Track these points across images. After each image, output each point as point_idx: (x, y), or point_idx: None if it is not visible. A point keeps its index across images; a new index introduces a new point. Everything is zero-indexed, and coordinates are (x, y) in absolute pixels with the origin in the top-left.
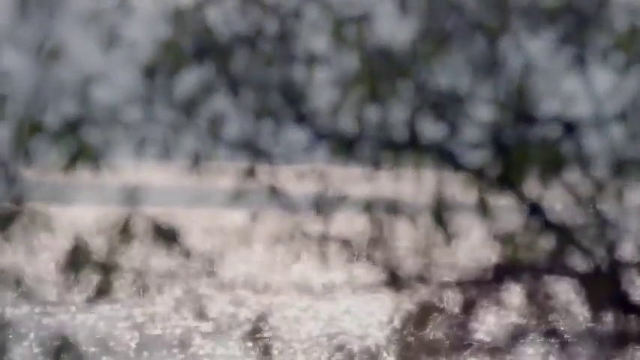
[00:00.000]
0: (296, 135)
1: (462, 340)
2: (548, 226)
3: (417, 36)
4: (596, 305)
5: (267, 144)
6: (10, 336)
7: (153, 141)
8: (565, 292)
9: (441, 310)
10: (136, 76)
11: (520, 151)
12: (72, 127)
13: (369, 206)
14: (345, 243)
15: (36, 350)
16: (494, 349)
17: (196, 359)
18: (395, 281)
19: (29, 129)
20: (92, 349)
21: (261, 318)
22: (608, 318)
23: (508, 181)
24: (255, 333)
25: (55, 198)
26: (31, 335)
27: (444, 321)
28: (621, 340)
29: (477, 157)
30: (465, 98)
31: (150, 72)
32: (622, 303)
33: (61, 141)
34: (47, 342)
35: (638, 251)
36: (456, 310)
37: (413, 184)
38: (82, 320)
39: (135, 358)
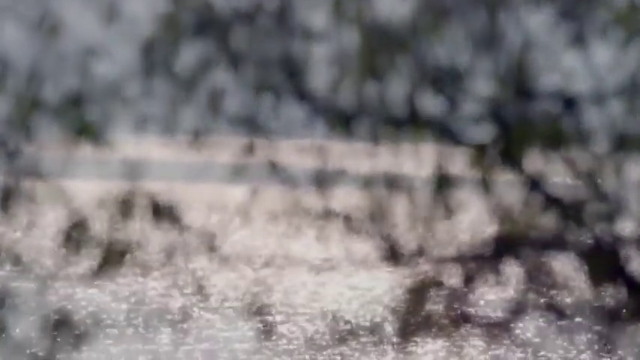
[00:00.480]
0: (295, 110)
1: (461, 315)
2: (549, 201)
3: (416, 11)
4: (597, 280)
5: (266, 119)
6: (11, 310)
7: (153, 116)
8: (565, 267)
9: (441, 285)
10: (136, 51)
11: (520, 126)
12: (72, 103)
13: (368, 181)
14: (345, 218)
15: (36, 324)
16: (493, 324)
17: (196, 334)
18: (395, 256)
19: (29, 104)
20: (92, 324)
21: (261, 293)
22: (609, 293)
23: (508, 156)
24: (254, 308)
25: (55, 173)
26: (31, 310)
27: (444, 296)
28: (621, 314)
29: (476, 132)
30: (465, 73)
31: (150, 47)
32: (622, 278)
33: (62, 116)
34: (47, 316)
35: (638, 226)
36: (456, 284)
37: (413, 159)
38: (82, 295)
39: (134, 332)
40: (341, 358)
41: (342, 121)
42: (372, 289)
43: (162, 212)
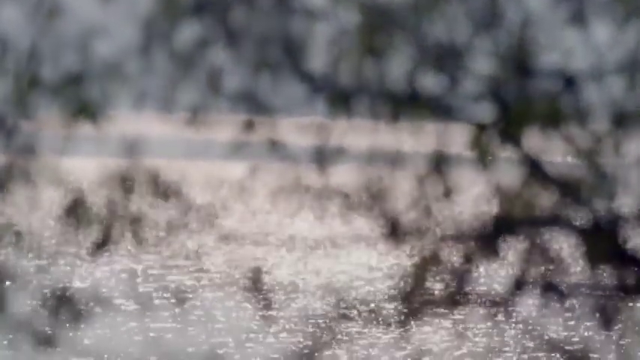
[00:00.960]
0: (295, 88)
1: (461, 293)
2: (548, 179)
3: None
4: (596, 258)
5: (266, 97)
6: (11, 287)
7: (152, 93)
8: (564, 245)
9: (441, 263)
10: (135, 29)
11: (520, 104)
12: (72, 80)
13: (368, 159)
14: (345, 196)
15: (36, 302)
16: (493, 302)
17: (196, 311)
18: (395, 234)
19: (29, 83)
20: (92, 301)
21: (261, 270)
22: (607, 271)
23: (508, 134)
24: (254, 285)
25: (55, 151)
26: (32, 286)
27: (444, 274)
28: (620, 292)
29: (476, 111)
30: (465, 51)
31: (149, 25)
32: (621, 256)
33: (61, 94)
34: (47, 293)
35: (637, 204)
36: (456, 263)
37: (412, 137)
38: (82, 272)
39: (135, 309)
40: (342, 335)
41: (342, 99)
42: (372, 266)
43: (162, 189)
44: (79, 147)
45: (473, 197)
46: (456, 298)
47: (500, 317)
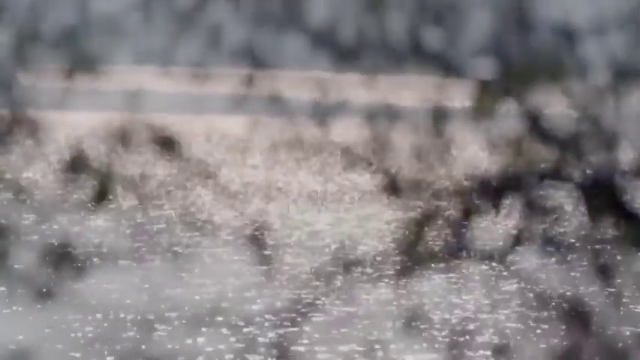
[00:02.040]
0: (296, 43)
1: (460, 247)
2: (548, 133)
3: None
4: (595, 212)
5: (266, 51)
6: (11, 241)
7: (153, 48)
8: (563, 199)
9: (441, 217)
10: None
11: (521, 59)
12: (72, 34)
13: (369, 114)
14: (345, 150)
15: (36, 255)
16: (492, 256)
17: (196, 266)
18: (395, 189)
19: (28, 36)
20: (91, 255)
21: (261, 225)
22: (607, 224)
23: (509, 89)
24: (254, 240)
25: (55, 104)
26: (32, 241)
27: (444, 228)
28: (619, 245)
29: (477, 66)
30: (466, 7)
31: None
32: (620, 209)
33: (61, 48)
34: (48, 247)
35: (636, 157)
36: (456, 217)
37: (413, 92)
38: (82, 226)
39: (134, 264)
40: (342, 289)
41: (343, 54)
42: (372, 221)
43: (162, 143)
44: (78, 101)
45: (473, 152)
46: (455, 253)
47: (499, 271)
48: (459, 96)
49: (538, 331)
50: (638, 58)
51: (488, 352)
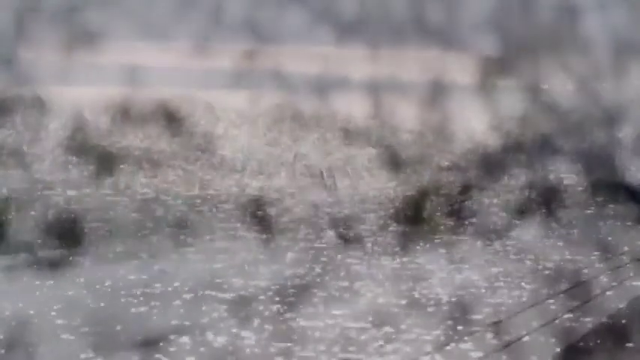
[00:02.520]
0: (297, 17)
1: (461, 221)
2: (549, 108)
3: None
4: (595, 186)
5: (268, 26)
6: (14, 216)
7: (154, 23)
8: (564, 173)
9: (441, 191)
10: None
11: (522, 34)
12: (72, 9)
13: (370, 88)
14: (347, 124)
15: (39, 227)
16: (492, 230)
17: (196, 237)
18: (396, 163)
19: (29, 11)
20: (94, 230)
21: (262, 200)
22: (607, 199)
23: (509, 63)
24: (255, 215)
25: (55, 79)
26: (34, 216)
27: (445, 203)
28: (619, 220)
29: (478, 41)
30: None
31: None
32: (620, 183)
33: (61, 22)
34: (50, 222)
35: (635, 132)
36: (457, 191)
37: (415, 66)
38: (83, 198)
39: (136, 236)
40: (343, 265)
41: (344, 28)
42: (374, 195)
43: (163, 118)
44: (79, 76)
45: (474, 127)
46: (456, 226)
47: (500, 245)
48: (461, 71)
49: (539, 306)
50: (639, 34)
51: (489, 327)
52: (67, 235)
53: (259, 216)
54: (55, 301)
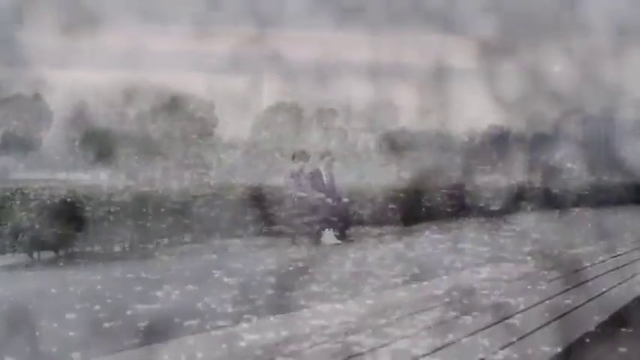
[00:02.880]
0: (297, 1)
1: (460, 205)
2: (548, 91)
3: None
4: (593, 169)
5: (268, 10)
6: (16, 199)
7: (154, 6)
8: (563, 155)
9: (441, 176)
10: None
11: (522, 17)
12: None
13: (371, 73)
14: (346, 109)
15: (40, 212)
16: (492, 213)
17: (198, 225)
18: (396, 147)
19: None
20: (95, 211)
21: (262, 184)
22: (605, 182)
23: (509, 48)
24: (255, 199)
25: (55, 62)
26: (37, 199)
27: (445, 185)
28: (616, 203)
29: (479, 24)
30: None
31: None
32: (617, 167)
33: (62, 6)
34: (52, 204)
35: (635, 114)
36: (457, 174)
37: (415, 50)
38: (85, 181)
39: (137, 220)
40: (343, 246)
41: (345, 12)
42: (374, 179)
43: (164, 101)
44: (80, 59)
45: (474, 110)
46: (455, 210)
47: (499, 227)
48: (461, 55)
49: (538, 287)
50: (638, 17)
51: (490, 309)
52: (68, 217)
53: (259, 199)
54: (57, 282)
